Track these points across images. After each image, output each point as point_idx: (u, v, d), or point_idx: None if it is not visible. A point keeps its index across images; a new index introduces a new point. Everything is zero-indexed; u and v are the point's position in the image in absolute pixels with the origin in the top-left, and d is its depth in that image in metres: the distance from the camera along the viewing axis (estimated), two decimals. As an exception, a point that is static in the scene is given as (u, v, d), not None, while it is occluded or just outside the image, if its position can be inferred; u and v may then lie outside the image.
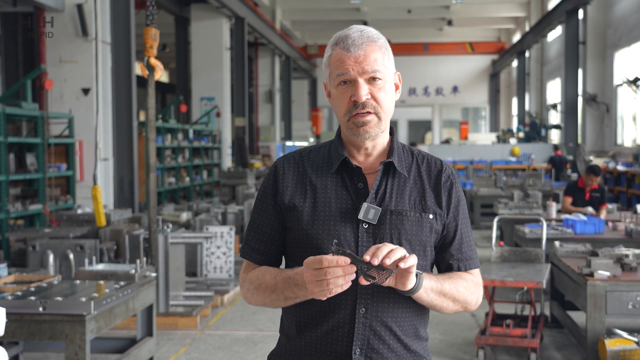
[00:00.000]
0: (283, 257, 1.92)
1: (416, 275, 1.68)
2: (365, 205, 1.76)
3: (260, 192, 1.90)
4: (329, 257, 1.59)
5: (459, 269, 1.85)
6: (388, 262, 1.57)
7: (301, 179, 1.84)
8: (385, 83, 1.79)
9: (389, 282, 1.65)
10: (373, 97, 1.77)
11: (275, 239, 1.86)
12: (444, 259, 1.86)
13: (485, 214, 12.93)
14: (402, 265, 1.59)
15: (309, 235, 1.78)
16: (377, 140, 1.84)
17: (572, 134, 18.25)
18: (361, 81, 1.76)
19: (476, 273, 1.89)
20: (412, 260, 1.61)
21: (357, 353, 1.74)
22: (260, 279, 1.82)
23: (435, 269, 1.91)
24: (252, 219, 1.90)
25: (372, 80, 1.77)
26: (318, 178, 1.83)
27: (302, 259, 1.71)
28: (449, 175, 1.87)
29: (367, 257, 1.58)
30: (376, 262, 1.57)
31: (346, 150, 1.85)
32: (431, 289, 1.74)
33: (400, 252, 1.60)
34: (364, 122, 1.77)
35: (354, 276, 1.60)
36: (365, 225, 1.76)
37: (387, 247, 1.60)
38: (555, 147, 18.25)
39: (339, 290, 1.60)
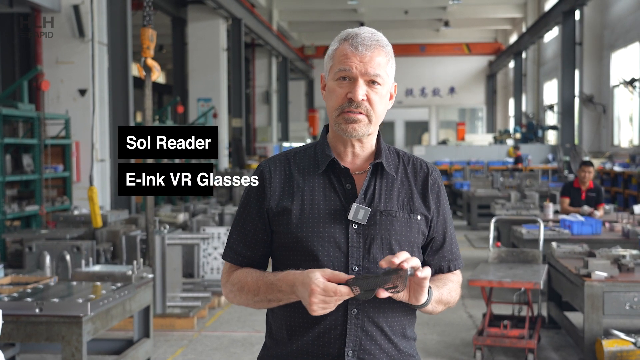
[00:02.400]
0: (270, 260, 1.90)
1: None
2: (354, 205, 1.76)
3: (245, 195, 1.87)
4: (341, 289, 1.62)
5: (449, 270, 1.89)
6: (406, 265, 1.59)
7: (288, 181, 1.83)
8: (382, 89, 1.80)
9: (402, 296, 1.66)
10: (368, 100, 1.77)
11: (258, 243, 1.85)
12: (437, 261, 1.88)
13: (482, 214, 12.94)
14: (419, 274, 1.61)
15: (298, 239, 1.77)
16: (364, 142, 1.84)
17: (568, 135, 18.26)
18: (361, 81, 1.76)
19: (458, 272, 1.93)
20: (428, 271, 1.63)
21: (350, 355, 1.74)
22: (243, 282, 1.81)
23: None
24: (235, 221, 1.88)
25: (371, 83, 1.78)
26: (305, 180, 1.82)
27: (292, 262, 1.74)
28: (436, 178, 1.89)
29: (383, 264, 1.61)
30: (396, 261, 1.59)
31: (333, 151, 1.84)
32: (435, 299, 1.76)
33: (416, 260, 1.62)
34: (354, 119, 1.77)
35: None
36: (355, 225, 1.76)
37: (404, 254, 1.62)
38: (516, 147, 18.88)
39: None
